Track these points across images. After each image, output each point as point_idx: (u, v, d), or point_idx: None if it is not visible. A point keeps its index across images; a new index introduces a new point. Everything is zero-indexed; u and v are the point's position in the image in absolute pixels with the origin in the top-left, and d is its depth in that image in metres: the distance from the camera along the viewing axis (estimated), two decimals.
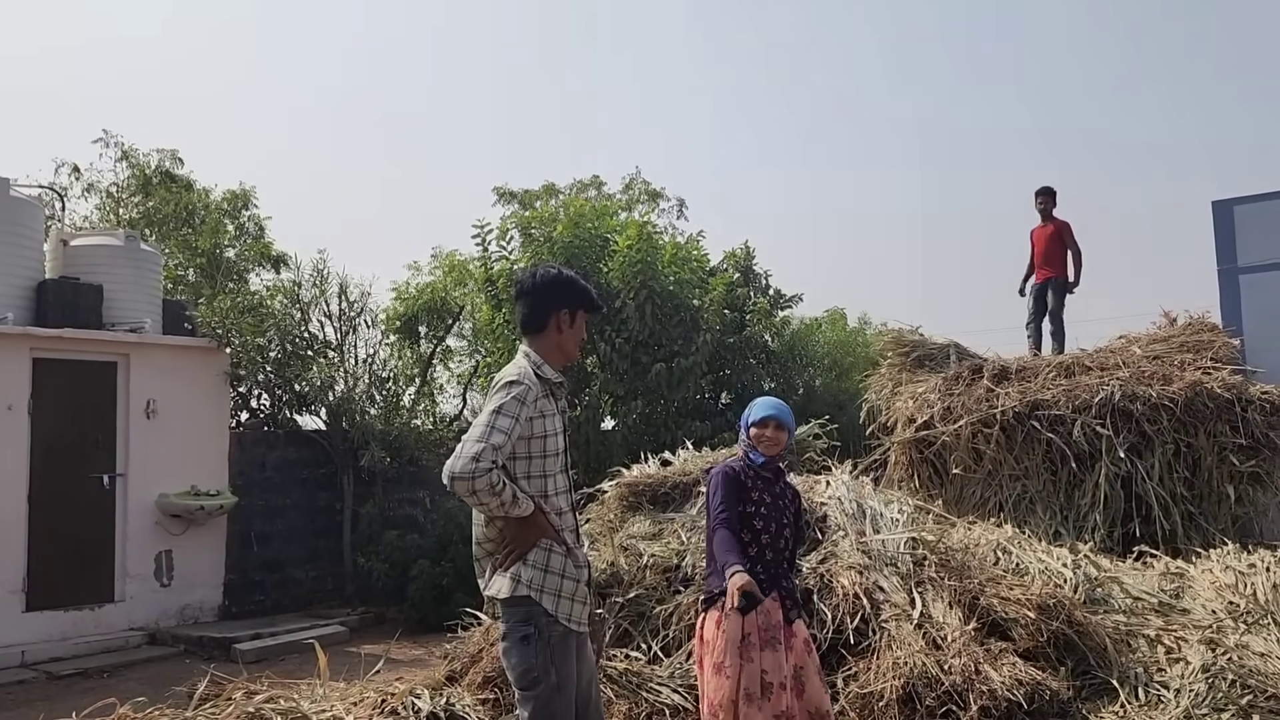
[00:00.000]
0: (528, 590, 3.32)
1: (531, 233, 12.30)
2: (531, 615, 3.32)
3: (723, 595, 3.82)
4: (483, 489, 3.15)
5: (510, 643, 3.36)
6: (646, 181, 19.18)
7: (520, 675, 3.33)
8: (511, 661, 3.36)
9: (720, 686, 3.76)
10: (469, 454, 3.17)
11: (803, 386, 13.82)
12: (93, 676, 8.07)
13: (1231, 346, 8.36)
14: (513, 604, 3.34)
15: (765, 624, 3.81)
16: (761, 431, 4.06)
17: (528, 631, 3.31)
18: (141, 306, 10.07)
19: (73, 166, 15.05)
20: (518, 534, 3.36)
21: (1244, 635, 5.06)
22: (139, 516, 9.61)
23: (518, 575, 3.33)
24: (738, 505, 3.94)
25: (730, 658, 3.76)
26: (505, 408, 3.26)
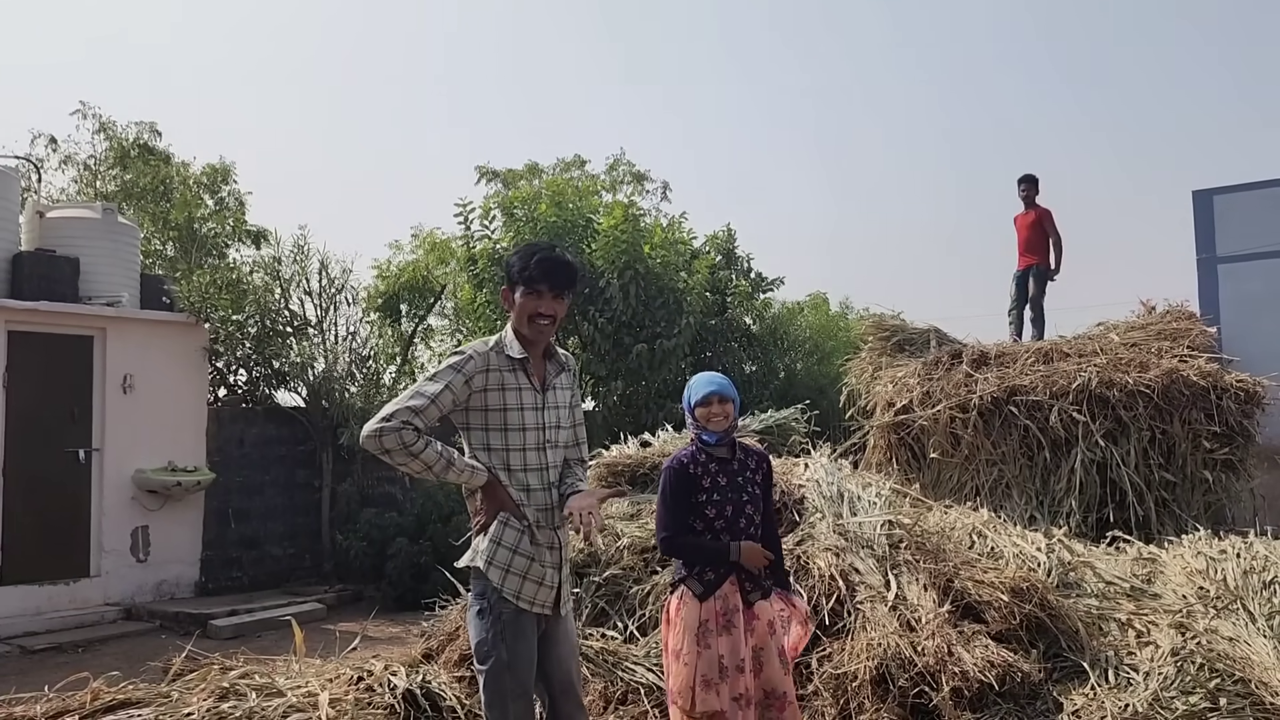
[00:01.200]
0: (478, 561, 3.37)
1: (514, 212, 12.24)
2: (485, 589, 3.36)
3: (681, 582, 3.88)
4: (393, 446, 3.20)
5: (470, 614, 3.43)
6: (631, 163, 19.10)
7: (475, 647, 3.38)
8: (470, 632, 3.42)
9: (679, 673, 3.80)
10: (382, 413, 3.24)
11: (784, 370, 13.87)
12: (67, 651, 8.04)
13: (1208, 335, 8.42)
14: (474, 576, 3.40)
15: (723, 609, 3.82)
16: (708, 410, 3.95)
17: (481, 605, 3.35)
18: (119, 280, 9.98)
19: (49, 138, 14.88)
20: (482, 504, 3.41)
21: (1213, 620, 5.12)
22: (115, 492, 9.56)
23: (476, 546, 3.39)
24: (685, 500, 3.89)
25: (688, 644, 3.80)
26: (438, 374, 3.35)
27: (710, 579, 3.84)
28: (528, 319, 3.47)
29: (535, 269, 3.45)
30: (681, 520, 3.89)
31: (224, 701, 4.88)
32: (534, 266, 3.46)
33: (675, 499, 3.90)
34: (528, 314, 3.46)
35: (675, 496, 3.90)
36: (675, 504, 3.90)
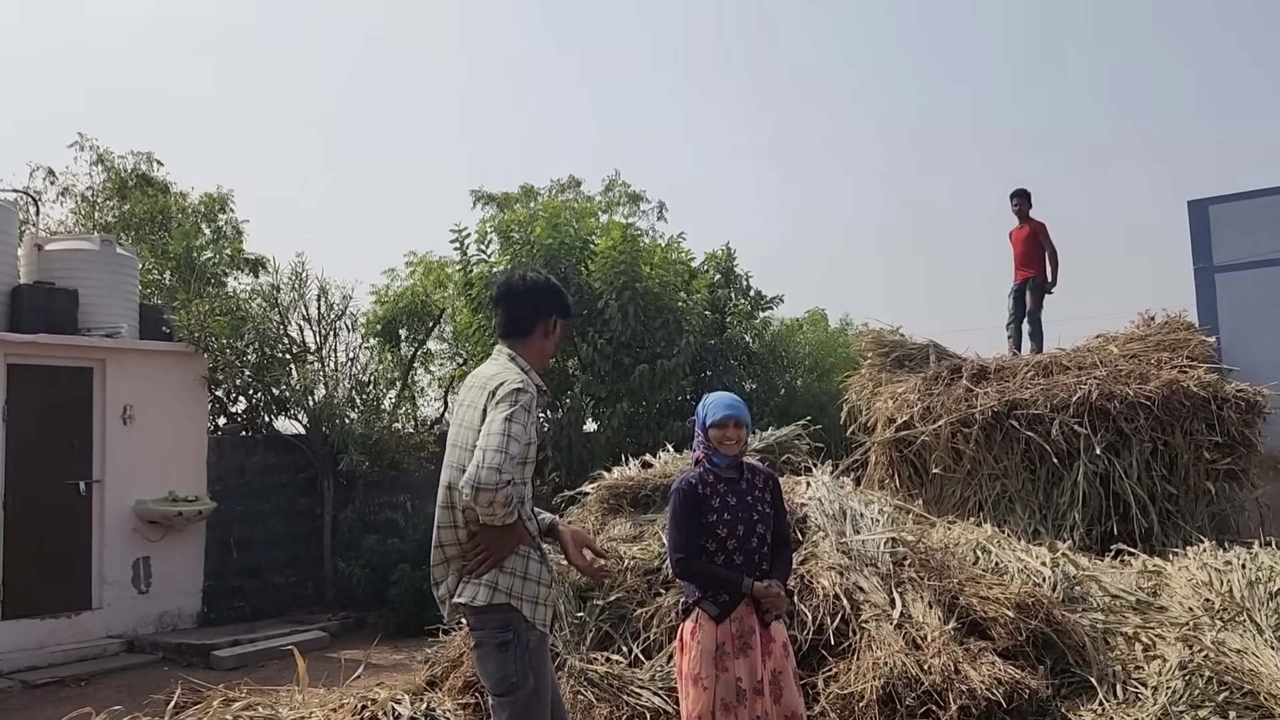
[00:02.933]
0: (506, 597, 3.29)
1: (511, 235, 12.26)
2: (509, 621, 3.28)
3: (695, 605, 3.85)
4: (502, 500, 3.10)
5: (487, 649, 3.32)
6: (626, 183, 19.15)
7: (498, 681, 3.29)
8: (488, 668, 3.32)
9: (699, 698, 3.77)
10: (492, 464, 3.09)
11: (784, 387, 13.86)
12: (69, 685, 7.99)
13: (1207, 345, 8.42)
14: (489, 611, 3.29)
15: (739, 631, 3.80)
16: (722, 432, 3.93)
17: (506, 638, 3.27)
18: (118, 311, 9.98)
19: (47, 170, 14.92)
20: (496, 541, 3.29)
21: (1220, 632, 5.09)
22: (116, 523, 9.53)
23: (494, 582, 3.29)
24: (696, 521, 3.87)
25: (706, 669, 3.76)
26: (515, 416, 3.20)
27: (725, 600, 3.82)
28: (547, 354, 3.59)
29: (569, 303, 3.60)
30: (694, 541, 3.87)
31: None
32: (569, 301, 3.61)
33: (686, 520, 3.88)
34: (550, 348, 3.59)
35: (686, 518, 3.88)
36: (687, 525, 3.88)
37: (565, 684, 5.27)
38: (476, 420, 3.29)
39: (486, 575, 3.29)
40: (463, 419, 3.41)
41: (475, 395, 3.37)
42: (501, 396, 3.24)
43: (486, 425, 3.20)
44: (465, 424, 3.37)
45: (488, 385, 3.34)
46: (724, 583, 3.82)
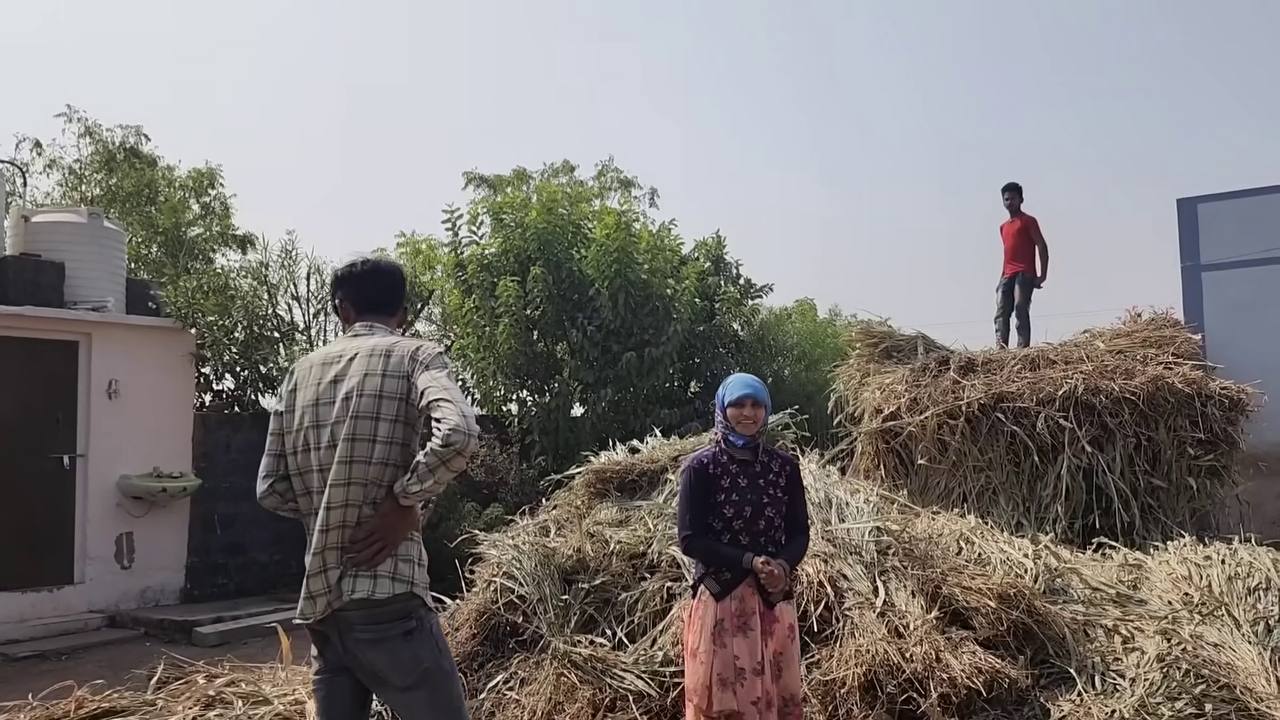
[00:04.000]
0: (409, 586, 3.10)
1: (503, 218, 12.23)
2: (410, 609, 3.10)
3: (700, 582, 3.92)
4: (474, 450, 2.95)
5: (390, 642, 3.07)
6: (619, 169, 19.10)
7: (410, 670, 3.09)
8: (400, 659, 3.09)
9: (695, 671, 3.83)
10: (471, 413, 2.95)
11: (771, 376, 13.88)
12: (50, 659, 7.98)
13: (1193, 342, 8.48)
14: (391, 603, 3.07)
15: (739, 610, 3.85)
16: (739, 411, 3.98)
17: (410, 626, 3.09)
18: (104, 285, 9.93)
19: (34, 142, 14.80)
20: (394, 525, 3.08)
21: (1198, 626, 5.15)
22: (100, 498, 9.50)
23: (393, 572, 3.08)
24: (705, 500, 3.93)
25: (704, 644, 3.82)
26: (449, 372, 3.12)
27: (727, 579, 3.87)
28: None
29: None
30: (700, 520, 3.93)
31: (210, 710, 4.87)
32: None
33: (695, 498, 3.95)
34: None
35: (695, 496, 3.95)
36: (695, 503, 3.95)
37: (549, 666, 5.29)
38: (391, 388, 3.08)
39: (383, 565, 3.06)
40: (363, 389, 3.10)
41: (375, 363, 3.12)
42: (432, 359, 3.11)
43: (433, 381, 3.02)
44: (370, 392, 3.09)
45: (394, 351, 3.14)
46: (725, 559, 3.89)
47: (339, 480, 3.08)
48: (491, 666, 5.55)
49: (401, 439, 3.10)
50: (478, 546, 6.37)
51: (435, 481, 2.94)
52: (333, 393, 3.16)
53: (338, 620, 3.08)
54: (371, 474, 3.07)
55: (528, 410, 11.95)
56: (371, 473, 3.07)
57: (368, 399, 3.09)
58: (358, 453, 3.07)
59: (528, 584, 5.72)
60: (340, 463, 3.08)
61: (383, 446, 3.08)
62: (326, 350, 3.32)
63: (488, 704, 5.34)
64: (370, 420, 3.08)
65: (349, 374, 3.15)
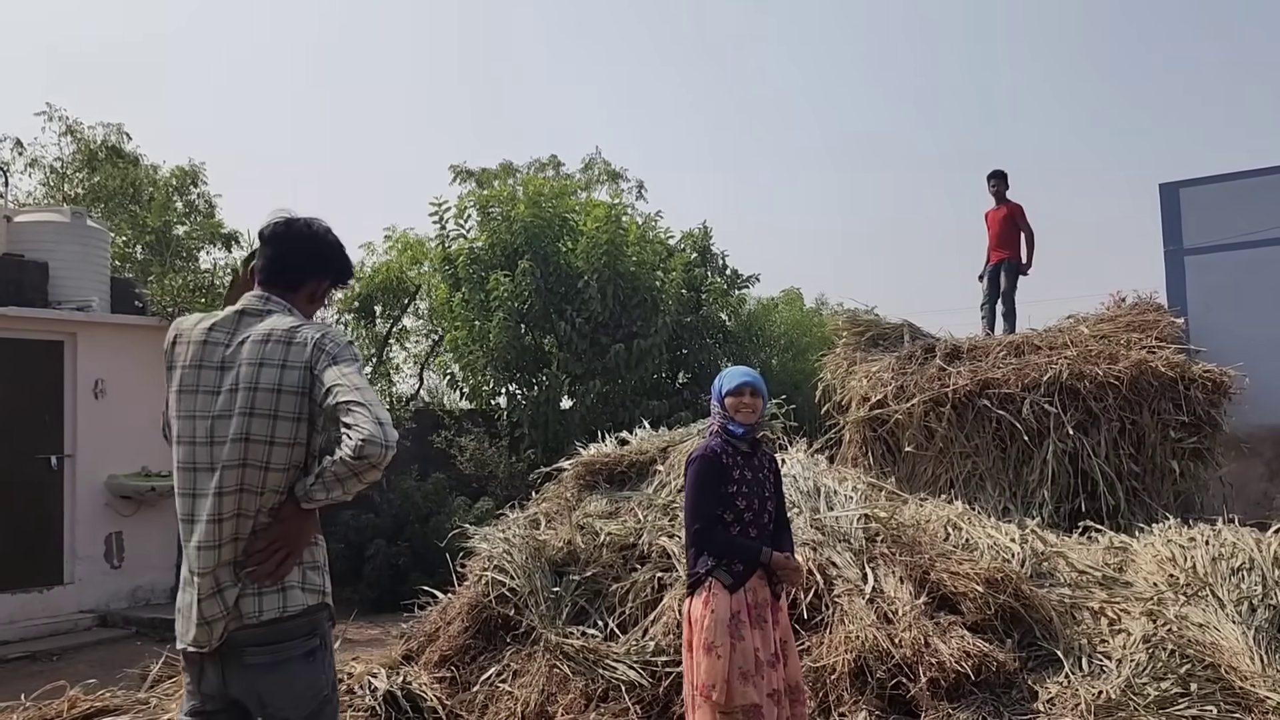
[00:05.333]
0: (320, 596, 2.77)
1: (490, 211, 12.22)
2: (316, 624, 2.75)
3: (708, 575, 3.80)
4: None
5: (292, 665, 2.69)
6: (607, 162, 19.11)
7: (308, 700, 2.71)
8: (297, 687, 2.69)
9: (712, 666, 3.69)
10: (388, 420, 2.58)
11: (759, 366, 13.91)
12: (41, 660, 7.97)
13: (1176, 326, 8.53)
14: (300, 616, 2.70)
15: (754, 601, 3.79)
16: (739, 400, 3.95)
17: (313, 645, 2.73)
18: (88, 285, 9.88)
19: (15, 140, 14.71)
20: (297, 530, 2.71)
21: (1183, 607, 5.21)
22: (88, 498, 9.47)
23: (301, 581, 2.72)
24: (717, 490, 3.85)
25: (721, 637, 3.70)
26: (360, 369, 2.73)
27: (739, 570, 3.81)
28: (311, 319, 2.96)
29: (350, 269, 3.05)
30: (712, 511, 3.85)
31: None
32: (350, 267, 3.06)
33: (709, 489, 3.86)
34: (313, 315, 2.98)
35: (708, 487, 3.86)
36: (709, 494, 3.86)
37: (541, 658, 5.32)
38: (292, 381, 2.66)
39: (291, 575, 2.70)
40: (257, 381, 2.67)
41: (273, 351, 2.68)
42: (340, 351, 2.70)
43: (345, 378, 2.62)
44: (266, 386, 2.66)
45: (296, 338, 2.70)
46: (743, 551, 3.82)
47: (229, 487, 2.65)
48: (484, 659, 5.59)
49: (304, 438, 2.69)
50: (468, 540, 6.40)
51: (344, 492, 2.62)
52: (216, 380, 2.71)
53: (225, 644, 2.67)
54: (270, 481, 2.66)
55: (517, 403, 11.96)
56: (270, 479, 2.66)
57: (264, 394, 2.65)
58: (252, 455, 2.65)
59: (519, 577, 5.75)
60: (230, 466, 2.65)
61: (282, 449, 2.66)
62: (209, 322, 2.81)
63: (481, 696, 5.37)
64: (267, 419, 2.65)
65: (239, 360, 2.70)
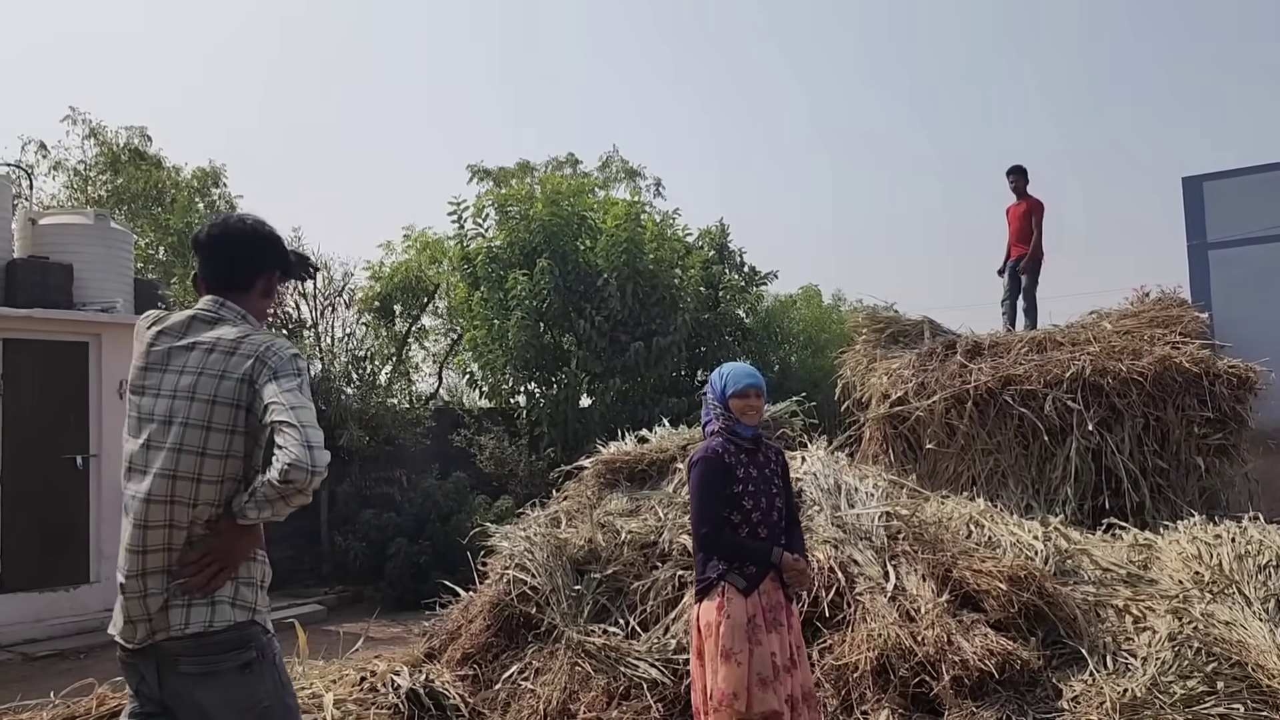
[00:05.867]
0: (250, 613, 2.73)
1: (508, 210, 12.26)
2: (249, 638, 2.72)
3: (720, 580, 3.70)
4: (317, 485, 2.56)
5: (225, 677, 2.67)
6: (624, 160, 19.13)
7: (246, 710, 2.69)
8: (233, 697, 2.67)
9: (731, 674, 3.58)
10: (320, 442, 2.52)
11: (778, 363, 13.91)
12: (69, 658, 8.05)
13: (1200, 321, 8.45)
14: (228, 631, 2.68)
15: (769, 604, 3.70)
16: (744, 402, 3.86)
17: (249, 657, 2.70)
18: (112, 286, 9.96)
19: (39, 144, 14.86)
20: (234, 545, 2.69)
21: (1209, 605, 5.16)
22: (113, 497, 9.53)
23: (232, 597, 2.69)
24: (722, 492, 3.74)
25: (738, 643, 3.59)
26: (303, 385, 2.64)
27: (752, 572, 3.71)
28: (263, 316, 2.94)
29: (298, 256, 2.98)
30: (719, 513, 3.75)
31: None
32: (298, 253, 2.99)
33: (713, 491, 3.76)
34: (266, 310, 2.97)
35: (712, 489, 3.76)
36: (713, 496, 3.76)
37: (563, 656, 5.33)
38: (228, 393, 2.63)
39: (223, 590, 2.68)
40: (195, 391, 2.64)
41: (215, 361, 2.66)
42: (282, 366, 2.64)
43: (282, 396, 2.56)
44: (203, 397, 2.64)
45: (240, 349, 2.66)
46: (753, 554, 3.72)
47: (159, 495, 2.62)
48: (506, 657, 5.61)
49: (241, 451, 2.66)
50: (489, 539, 6.42)
51: (274, 513, 2.59)
52: (159, 382, 2.69)
53: (158, 651, 2.67)
54: (202, 493, 2.63)
55: (536, 402, 11.99)
56: (202, 492, 2.63)
57: (199, 405, 2.63)
58: (184, 466, 2.61)
59: (540, 575, 5.76)
60: (162, 475, 2.62)
61: (214, 461, 2.62)
62: (168, 321, 2.79)
63: (503, 694, 5.39)
64: (200, 430, 2.62)
65: (185, 368, 2.68)
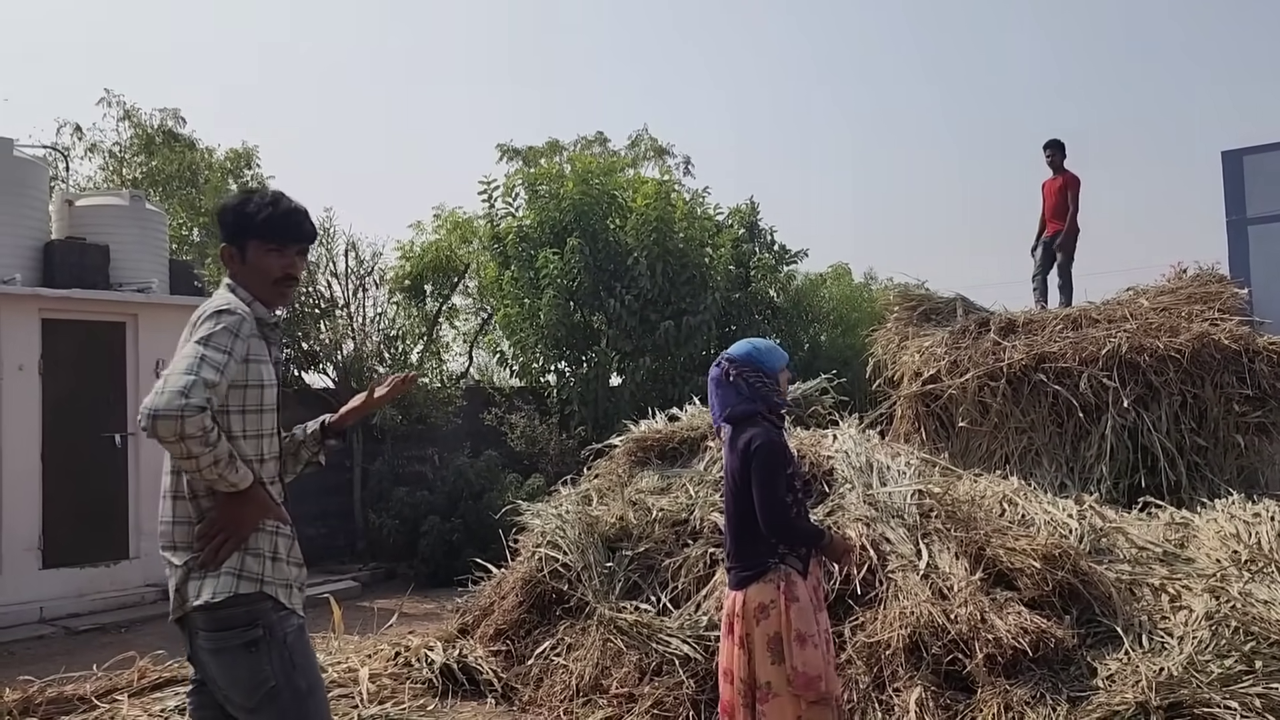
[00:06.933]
0: (256, 584, 2.68)
1: (538, 189, 12.26)
2: (257, 614, 2.67)
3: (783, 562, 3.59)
4: (193, 433, 2.44)
5: (231, 654, 2.65)
6: (654, 138, 19.06)
7: (252, 690, 2.65)
8: (237, 675, 2.65)
9: (813, 658, 3.51)
10: (175, 387, 2.46)
11: (808, 342, 13.85)
12: (110, 632, 8.20)
13: (1239, 297, 8.31)
14: (232, 604, 2.64)
15: (816, 585, 3.68)
16: (788, 375, 3.83)
17: (254, 635, 2.65)
18: (148, 267, 10.08)
19: (75, 126, 15.03)
20: (235, 514, 2.66)
21: (1248, 584, 5.10)
22: (151, 475, 9.67)
23: (238, 567, 2.66)
24: (786, 474, 3.65)
25: (810, 625, 3.53)
26: (214, 339, 2.60)
27: (804, 554, 3.66)
28: (273, 282, 2.86)
29: (282, 219, 2.84)
30: (786, 499, 3.64)
31: None
32: (280, 217, 2.84)
33: (781, 476, 3.64)
34: (273, 276, 2.86)
35: (780, 473, 3.63)
36: (782, 482, 3.63)
37: (595, 632, 5.37)
38: None
39: (230, 561, 2.66)
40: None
41: (186, 330, 2.74)
42: (200, 321, 2.68)
43: (182, 349, 2.62)
44: None
45: (197, 314, 2.75)
46: (814, 537, 3.69)
47: (168, 467, 2.73)
48: (538, 633, 5.66)
49: None
50: (521, 516, 6.46)
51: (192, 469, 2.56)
52: None
53: (188, 623, 2.72)
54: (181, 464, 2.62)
55: (566, 381, 12.02)
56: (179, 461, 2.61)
57: None
58: None
59: (572, 552, 5.80)
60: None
61: None
62: None
63: (536, 670, 5.45)
64: None
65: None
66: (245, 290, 2.84)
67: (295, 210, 2.89)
